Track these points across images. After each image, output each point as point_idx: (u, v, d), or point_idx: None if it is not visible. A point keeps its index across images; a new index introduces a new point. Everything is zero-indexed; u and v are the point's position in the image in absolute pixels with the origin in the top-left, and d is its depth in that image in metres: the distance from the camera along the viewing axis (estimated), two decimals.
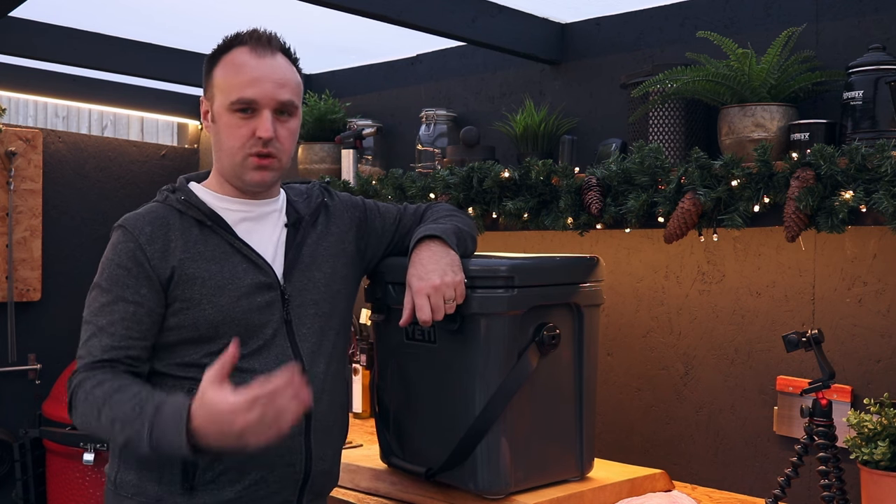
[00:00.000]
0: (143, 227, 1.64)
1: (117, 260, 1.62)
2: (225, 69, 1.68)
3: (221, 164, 1.72)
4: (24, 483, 3.44)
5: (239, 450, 1.45)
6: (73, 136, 3.85)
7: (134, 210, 1.70)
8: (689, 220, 2.07)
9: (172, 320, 1.63)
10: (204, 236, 1.67)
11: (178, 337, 1.63)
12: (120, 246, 1.63)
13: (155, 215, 1.67)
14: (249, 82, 1.65)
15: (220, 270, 1.65)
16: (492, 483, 1.92)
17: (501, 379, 1.88)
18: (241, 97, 1.64)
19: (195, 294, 1.62)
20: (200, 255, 1.65)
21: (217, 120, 1.69)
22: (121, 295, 1.60)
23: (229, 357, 1.45)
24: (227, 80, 1.66)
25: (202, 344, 1.63)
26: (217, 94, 1.68)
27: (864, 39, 2.06)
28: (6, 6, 2.45)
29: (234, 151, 1.67)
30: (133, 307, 1.60)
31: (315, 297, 1.75)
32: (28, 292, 3.60)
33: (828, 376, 1.92)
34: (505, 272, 1.87)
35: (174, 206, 1.69)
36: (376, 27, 2.55)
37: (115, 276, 1.61)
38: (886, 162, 1.79)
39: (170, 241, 1.64)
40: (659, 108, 2.26)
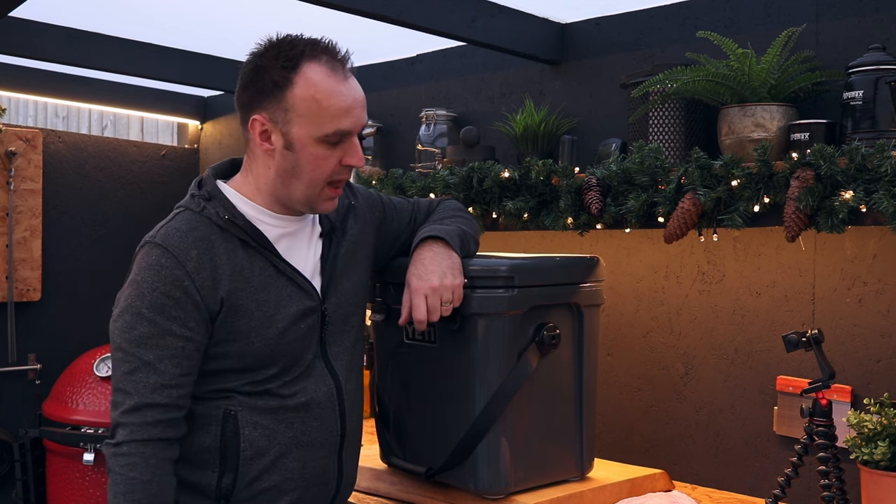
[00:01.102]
0: (189, 250, 1.51)
1: (162, 287, 1.49)
2: (309, 93, 1.50)
3: (287, 189, 1.58)
4: (24, 483, 3.43)
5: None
6: (73, 136, 3.85)
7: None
8: (689, 220, 2.07)
9: (216, 350, 1.54)
10: (249, 258, 1.56)
11: (221, 366, 1.56)
12: (164, 272, 1.49)
13: (197, 235, 1.53)
14: (345, 112, 1.52)
15: (268, 299, 1.56)
16: (492, 483, 1.92)
17: (501, 379, 1.88)
18: (339, 129, 1.52)
19: (243, 326, 1.54)
20: (248, 282, 1.54)
21: (298, 149, 1.53)
22: (168, 328, 1.48)
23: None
24: (317, 109, 1.51)
25: (246, 373, 1.56)
26: (298, 120, 1.52)
27: (864, 39, 2.06)
28: (6, 6, 2.45)
29: (317, 182, 1.56)
30: (182, 342, 1.49)
31: (346, 311, 1.70)
32: (28, 292, 3.60)
33: (828, 376, 1.92)
34: (505, 272, 1.87)
35: (214, 220, 1.55)
36: (376, 27, 2.55)
37: (161, 306, 1.48)
38: (886, 162, 1.79)
39: (217, 266, 1.52)
40: (659, 108, 2.26)
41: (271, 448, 1.57)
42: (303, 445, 1.61)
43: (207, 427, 1.56)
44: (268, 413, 1.57)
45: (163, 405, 1.48)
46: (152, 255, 1.51)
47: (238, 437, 1.55)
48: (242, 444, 1.56)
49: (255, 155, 1.59)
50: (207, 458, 1.56)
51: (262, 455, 1.57)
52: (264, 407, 1.57)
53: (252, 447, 1.56)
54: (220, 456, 1.56)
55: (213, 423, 1.56)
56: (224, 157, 4.10)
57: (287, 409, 1.58)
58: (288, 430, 1.59)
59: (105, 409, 3.22)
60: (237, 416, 1.55)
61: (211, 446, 1.56)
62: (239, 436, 1.55)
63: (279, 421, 1.58)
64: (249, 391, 1.57)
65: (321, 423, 1.63)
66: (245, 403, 1.56)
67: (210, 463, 1.56)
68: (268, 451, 1.57)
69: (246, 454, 1.56)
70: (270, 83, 1.52)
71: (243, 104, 1.58)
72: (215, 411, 1.56)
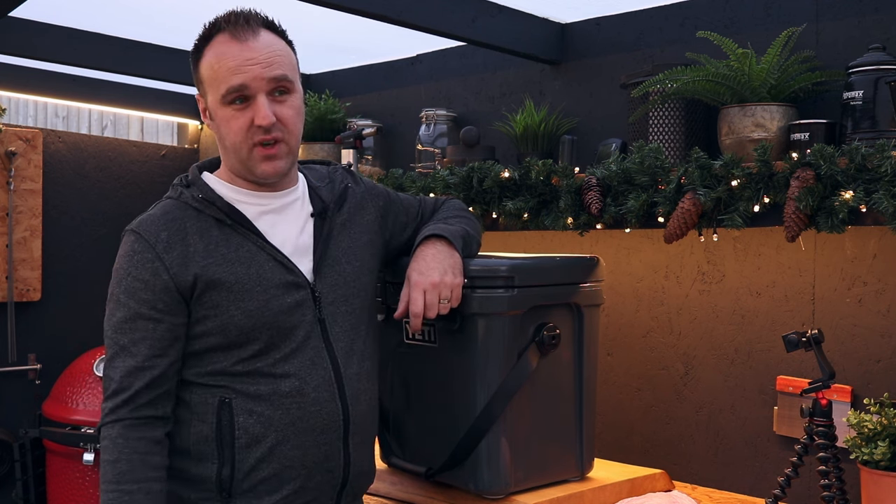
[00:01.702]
0: (159, 232, 1.54)
1: (134, 272, 1.53)
2: (208, 61, 1.57)
3: (229, 160, 1.63)
4: (24, 483, 3.43)
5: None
6: (73, 136, 3.85)
7: (141, 209, 1.63)
8: (689, 220, 2.07)
9: (198, 328, 1.55)
10: (225, 236, 1.57)
11: (206, 345, 1.56)
12: (136, 256, 1.53)
13: (170, 217, 1.57)
14: (234, 69, 1.54)
15: (246, 272, 1.56)
16: (492, 483, 1.91)
17: (501, 379, 1.88)
18: (230, 87, 1.54)
19: (222, 300, 1.54)
20: (223, 257, 1.55)
21: (214, 117, 1.60)
22: (139, 311, 1.52)
23: None
24: (213, 73, 1.56)
25: (232, 350, 1.56)
26: (208, 90, 1.59)
27: (864, 39, 2.06)
28: (6, 6, 2.45)
29: (237, 146, 1.57)
30: (153, 324, 1.52)
31: (346, 292, 1.67)
32: (28, 292, 3.60)
33: (828, 376, 1.92)
34: (505, 272, 1.87)
35: (190, 203, 1.59)
36: (376, 27, 2.55)
37: (133, 290, 1.52)
38: (886, 162, 1.79)
39: (188, 245, 1.54)
40: (659, 108, 2.26)
41: (267, 435, 1.55)
42: (301, 432, 1.57)
43: (204, 417, 1.56)
44: (262, 399, 1.55)
45: (135, 388, 1.51)
46: (128, 243, 1.56)
47: (233, 425, 1.54)
48: (237, 431, 1.54)
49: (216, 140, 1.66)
50: (206, 450, 1.56)
51: (257, 443, 1.55)
52: (257, 393, 1.55)
53: (247, 434, 1.55)
54: (218, 446, 1.55)
55: (210, 412, 1.55)
56: None
57: (281, 395, 1.56)
58: (284, 415, 1.56)
59: None
60: (231, 404, 1.54)
61: (209, 436, 1.55)
62: (234, 424, 1.54)
63: (274, 406, 1.55)
64: (241, 371, 1.55)
65: (319, 408, 1.59)
66: (239, 390, 1.55)
67: (209, 454, 1.56)
68: (264, 438, 1.55)
69: (241, 442, 1.55)
70: (193, 63, 1.62)
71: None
72: (211, 399, 1.55)
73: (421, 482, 2.04)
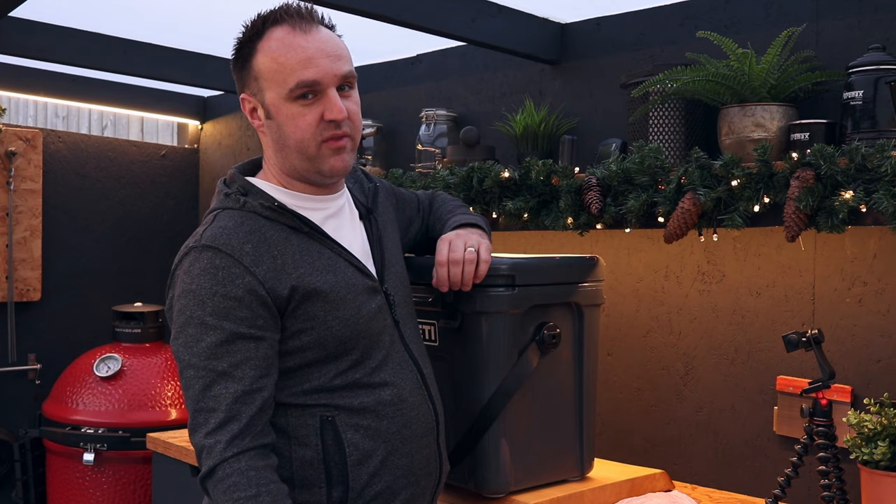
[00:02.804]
0: (242, 245, 1.42)
1: (222, 290, 1.39)
2: (268, 55, 1.47)
3: (289, 162, 1.52)
4: (24, 483, 3.43)
5: None
6: (73, 136, 3.85)
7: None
8: (689, 220, 2.07)
9: (293, 343, 1.44)
10: (304, 244, 1.48)
11: (303, 360, 1.46)
12: (221, 273, 1.39)
13: (247, 229, 1.44)
14: (304, 63, 1.46)
15: (336, 280, 1.48)
16: (492, 482, 1.92)
17: (502, 378, 1.88)
18: (301, 81, 1.45)
19: (318, 311, 1.44)
20: (312, 266, 1.46)
21: (275, 114, 1.49)
22: (237, 331, 1.38)
23: None
24: (278, 66, 1.47)
25: (329, 364, 1.47)
26: (267, 86, 1.48)
27: (864, 39, 2.06)
28: (6, 6, 2.45)
29: (305, 143, 1.48)
30: (254, 343, 1.40)
31: (405, 293, 1.64)
32: (28, 292, 3.60)
33: (828, 376, 1.92)
34: (506, 270, 1.87)
35: (259, 212, 1.47)
36: (376, 27, 2.55)
37: (225, 310, 1.38)
38: (886, 162, 1.79)
39: (276, 256, 1.43)
40: (659, 108, 2.26)
41: (377, 448, 1.48)
42: (407, 439, 1.52)
43: (306, 440, 1.45)
44: (366, 412, 1.47)
45: (248, 414, 1.38)
46: (203, 259, 1.41)
47: (341, 442, 1.45)
48: (347, 449, 1.45)
49: (262, 140, 1.56)
50: (311, 475, 1.45)
51: (369, 457, 1.47)
52: (361, 406, 1.47)
53: (358, 451, 1.46)
54: (325, 469, 1.44)
55: (312, 433, 1.45)
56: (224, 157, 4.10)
57: (385, 404, 1.49)
58: (390, 425, 1.49)
59: (104, 409, 3.22)
60: (335, 421, 1.45)
61: (313, 460, 1.45)
62: (342, 441, 1.45)
63: (380, 417, 1.48)
64: (340, 385, 1.47)
65: (418, 413, 1.55)
66: (341, 406, 1.46)
67: (315, 479, 1.45)
68: (374, 451, 1.47)
69: (353, 459, 1.45)
70: (242, 59, 1.51)
71: (238, 87, 1.56)
72: (311, 420, 1.45)
73: None
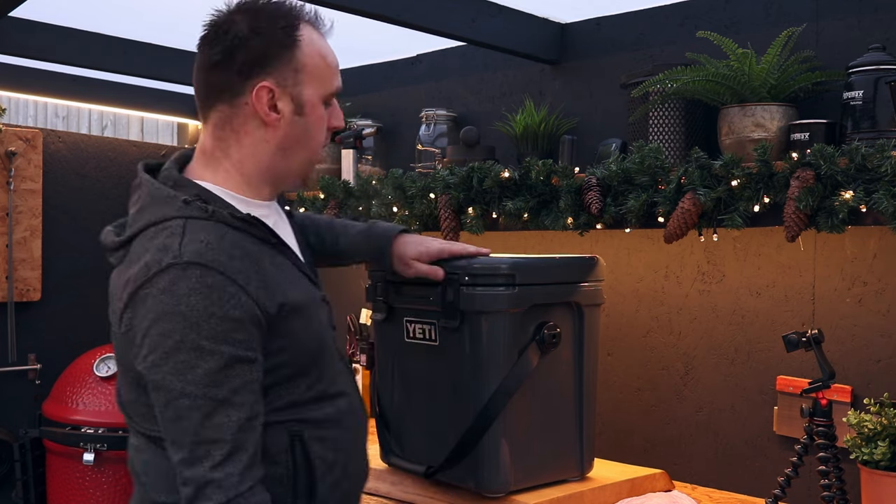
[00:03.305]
0: (230, 261, 1.30)
1: (219, 312, 1.27)
2: (316, 51, 1.41)
3: (288, 162, 1.45)
4: (24, 483, 3.43)
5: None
6: (73, 136, 3.84)
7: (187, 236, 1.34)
8: (689, 220, 2.07)
9: (272, 361, 1.36)
10: (275, 257, 1.40)
11: (278, 377, 1.38)
12: (215, 293, 1.27)
13: (229, 242, 1.33)
14: (337, 69, 1.45)
15: (304, 294, 1.43)
16: (492, 482, 1.92)
17: (501, 377, 1.88)
18: (338, 87, 1.46)
19: (297, 326, 1.38)
20: (286, 279, 1.39)
21: (308, 111, 1.42)
22: (236, 355, 1.28)
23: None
24: (325, 66, 1.42)
25: (300, 378, 1.41)
26: (310, 81, 1.41)
27: (864, 39, 2.06)
28: (6, 6, 2.45)
29: (319, 147, 1.47)
30: (249, 366, 1.30)
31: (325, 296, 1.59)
32: (28, 292, 3.60)
33: (828, 376, 1.92)
34: (506, 270, 1.88)
35: (229, 222, 1.36)
36: (376, 27, 2.55)
37: (221, 333, 1.27)
38: (886, 162, 1.79)
39: (262, 270, 1.34)
40: (659, 108, 2.26)
41: (339, 458, 1.46)
42: (358, 446, 1.53)
43: (277, 458, 1.39)
44: (329, 423, 1.45)
45: (252, 442, 1.30)
46: (190, 278, 1.28)
47: (309, 457, 1.41)
48: (315, 462, 1.42)
49: (239, 133, 1.42)
50: (279, 492, 1.38)
51: (331, 469, 1.45)
52: (326, 417, 1.44)
53: (325, 463, 1.43)
54: (293, 485, 1.40)
55: (283, 451, 1.39)
56: None
57: (342, 412, 1.47)
58: (346, 434, 1.49)
59: (104, 409, 3.22)
60: (303, 436, 1.40)
61: (283, 477, 1.39)
62: (310, 456, 1.41)
63: (339, 427, 1.47)
64: (310, 398, 1.42)
65: (362, 419, 1.54)
66: (307, 419, 1.42)
67: (282, 497, 1.38)
68: (336, 462, 1.45)
69: (320, 472, 1.42)
70: (275, 45, 1.38)
71: (233, 73, 1.39)
72: (281, 438, 1.39)
73: (421, 482, 2.04)
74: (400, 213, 2.80)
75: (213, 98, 1.42)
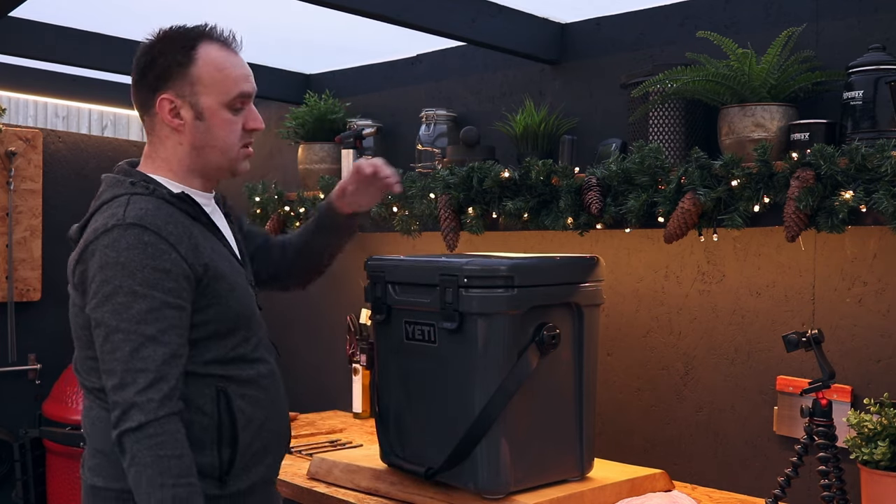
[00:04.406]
0: (166, 225, 1.59)
1: (152, 263, 1.55)
2: (207, 66, 1.66)
3: (204, 159, 1.70)
4: (24, 483, 3.44)
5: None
6: (73, 136, 3.85)
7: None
8: (689, 220, 2.07)
9: (199, 316, 1.61)
10: (204, 232, 1.68)
11: (205, 333, 1.63)
12: (150, 248, 1.56)
13: (165, 212, 1.61)
14: (245, 77, 1.69)
15: (229, 266, 1.69)
16: (492, 483, 1.92)
17: (501, 379, 1.88)
18: (242, 92, 1.68)
19: (221, 289, 1.63)
20: (213, 251, 1.66)
21: (208, 117, 1.67)
22: (165, 300, 1.54)
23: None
24: (221, 76, 1.66)
25: (227, 338, 1.65)
26: (204, 91, 1.66)
27: (864, 39, 2.06)
28: (6, 6, 2.45)
29: (230, 147, 1.70)
30: (178, 312, 1.56)
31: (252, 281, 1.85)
32: (28, 292, 3.60)
33: (828, 376, 1.92)
34: (505, 272, 1.87)
35: (167, 199, 1.65)
36: (376, 27, 2.55)
37: (153, 280, 1.54)
38: (886, 162, 1.79)
39: (192, 236, 1.62)
40: (659, 108, 2.25)
41: (258, 413, 1.67)
42: (278, 407, 1.74)
43: (204, 408, 1.62)
44: (250, 383, 1.67)
45: (174, 376, 1.54)
46: (130, 236, 1.56)
47: (233, 411, 1.63)
48: (237, 415, 1.64)
49: (160, 137, 1.70)
50: (205, 438, 1.61)
51: (251, 422, 1.66)
52: (247, 377, 1.67)
53: (244, 416, 1.65)
54: (218, 433, 1.62)
55: (209, 402, 1.62)
56: None
57: (263, 376, 1.70)
58: (267, 395, 1.70)
59: None
60: (228, 392, 1.63)
61: (209, 426, 1.62)
62: (233, 409, 1.63)
63: (260, 388, 1.69)
64: (232, 357, 1.65)
65: (282, 386, 1.77)
66: (232, 377, 1.65)
67: (207, 442, 1.62)
68: (255, 417, 1.67)
69: (241, 424, 1.64)
70: (174, 64, 1.66)
71: (146, 89, 1.68)
72: (208, 390, 1.62)
73: (421, 482, 2.04)
74: (400, 213, 2.80)
75: (140, 111, 1.73)
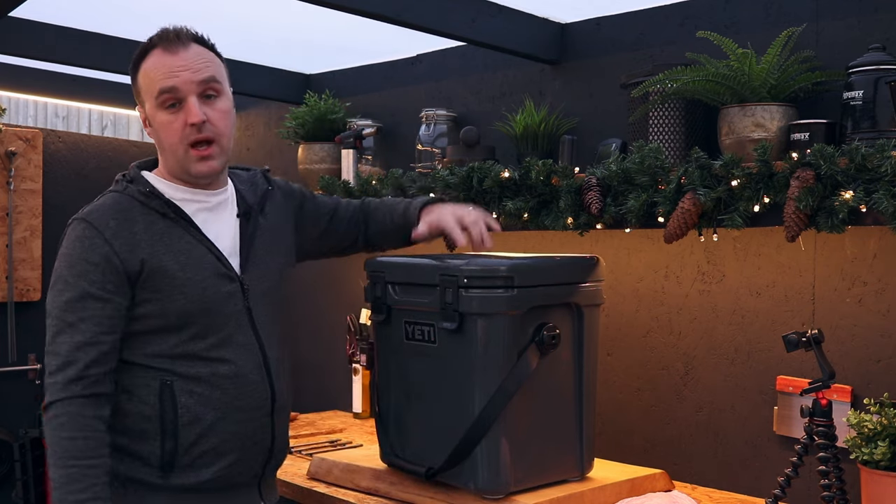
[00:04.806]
0: (108, 221, 1.67)
1: (85, 255, 1.64)
2: (144, 74, 1.73)
3: (167, 161, 1.76)
4: (24, 483, 3.44)
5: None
6: (73, 136, 3.85)
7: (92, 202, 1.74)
8: (689, 220, 2.07)
9: (140, 310, 1.67)
10: (168, 228, 1.71)
11: (147, 326, 1.68)
12: (86, 241, 1.65)
13: (118, 208, 1.70)
14: (167, 74, 1.70)
15: (188, 261, 1.70)
16: (492, 483, 1.92)
17: (501, 379, 1.88)
18: (162, 87, 1.69)
19: (164, 285, 1.67)
20: (167, 247, 1.69)
21: (152, 122, 1.74)
22: (88, 291, 1.63)
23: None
24: (148, 80, 1.71)
25: (172, 333, 1.68)
26: (145, 99, 1.73)
27: (864, 39, 2.06)
28: (6, 6, 2.45)
29: (174, 147, 1.71)
30: (101, 303, 1.63)
31: (267, 286, 1.82)
32: (28, 292, 3.60)
33: (828, 376, 1.92)
34: (505, 272, 1.87)
35: (135, 196, 1.71)
36: (376, 27, 2.55)
37: (83, 272, 1.64)
38: (886, 162, 1.79)
39: (135, 233, 1.67)
40: (659, 108, 2.25)
41: (207, 413, 1.69)
42: (238, 410, 1.72)
43: (147, 399, 1.67)
44: (201, 381, 1.69)
45: (84, 362, 1.60)
46: (77, 229, 1.68)
47: (175, 405, 1.67)
48: (180, 411, 1.67)
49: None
50: (148, 428, 1.67)
51: (198, 420, 1.68)
52: (197, 375, 1.69)
53: (189, 413, 1.68)
54: (161, 424, 1.67)
55: (152, 394, 1.67)
56: None
57: (219, 376, 1.70)
58: (223, 395, 1.70)
59: None
60: (173, 386, 1.67)
61: (151, 416, 1.67)
62: (176, 404, 1.67)
63: (213, 387, 1.69)
64: (179, 353, 1.68)
65: (253, 389, 1.74)
66: (178, 372, 1.68)
67: (151, 433, 1.67)
68: (204, 416, 1.68)
69: (184, 420, 1.67)
70: (133, 81, 1.77)
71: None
72: (152, 382, 1.67)
73: (421, 482, 2.04)
74: None
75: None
